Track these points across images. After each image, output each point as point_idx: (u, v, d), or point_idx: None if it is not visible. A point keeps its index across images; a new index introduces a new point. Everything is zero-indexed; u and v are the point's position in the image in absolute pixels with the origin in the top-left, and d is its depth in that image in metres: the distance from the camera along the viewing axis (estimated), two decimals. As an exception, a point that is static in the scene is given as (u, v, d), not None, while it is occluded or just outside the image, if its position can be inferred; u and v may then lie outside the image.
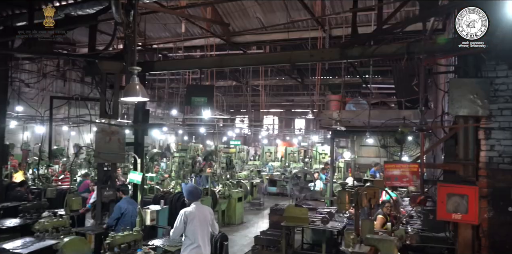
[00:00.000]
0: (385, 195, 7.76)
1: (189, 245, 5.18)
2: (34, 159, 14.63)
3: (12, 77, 10.39)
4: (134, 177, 6.58)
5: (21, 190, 9.79)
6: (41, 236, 5.80)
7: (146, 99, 4.50)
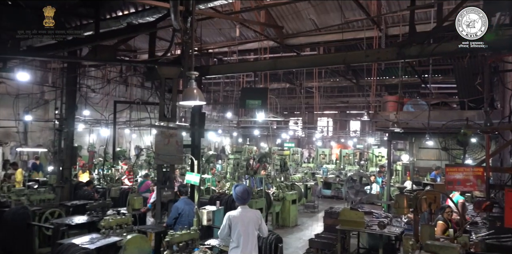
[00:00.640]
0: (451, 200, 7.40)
1: (234, 248, 5.21)
2: (99, 160, 15.52)
3: (80, 83, 11.09)
4: (191, 178, 6.78)
5: (88, 189, 10.44)
6: (106, 232, 6.13)
7: (203, 103, 4.63)
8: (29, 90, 15.96)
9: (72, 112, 10.17)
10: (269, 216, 11.34)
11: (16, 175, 12.01)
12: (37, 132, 17.68)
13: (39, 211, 8.12)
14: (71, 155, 10.09)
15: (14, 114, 14.33)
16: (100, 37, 8.09)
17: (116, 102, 9.17)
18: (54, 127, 10.24)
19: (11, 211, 7.58)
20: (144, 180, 11.95)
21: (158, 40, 10.46)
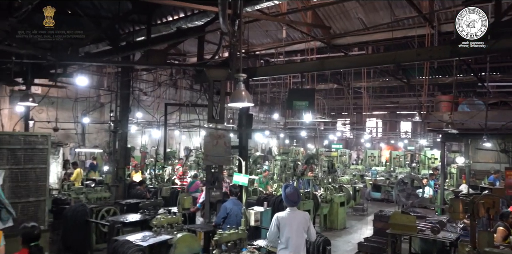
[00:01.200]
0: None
1: (282, 250, 5.19)
2: (151, 160, 16.08)
3: (133, 87, 11.56)
4: (239, 179, 6.86)
5: (141, 189, 10.84)
6: (158, 231, 6.34)
7: (251, 105, 4.69)
8: (87, 94, 16.84)
9: (126, 114, 10.62)
10: (317, 218, 11.23)
11: (74, 174, 12.70)
12: (94, 133, 18.61)
13: (96, 209, 8.54)
14: (125, 155, 10.53)
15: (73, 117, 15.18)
16: (151, 42, 8.40)
17: (166, 105, 9.46)
18: (109, 128, 10.73)
19: (71, 208, 8.03)
20: (193, 180, 12.23)
21: (206, 43, 10.68)
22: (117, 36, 9.51)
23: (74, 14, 8.72)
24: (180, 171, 14.18)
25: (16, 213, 6.05)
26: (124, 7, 8.46)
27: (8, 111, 14.77)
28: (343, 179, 15.74)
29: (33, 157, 6.33)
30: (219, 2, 4.70)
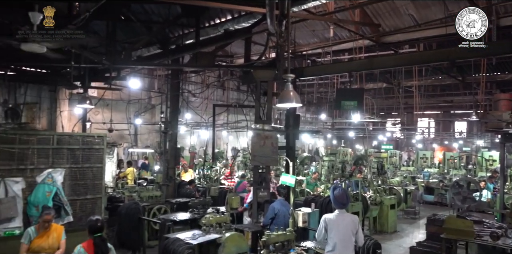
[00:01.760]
0: None
1: (329, 252, 5.09)
2: (200, 160, 16.40)
3: (182, 88, 11.87)
4: (286, 180, 6.84)
5: (190, 188, 11.09)
6: (207, 229, 6.45)
7: (299, 105, 4.67)
8: (139, 96, 17.51)
9: (176, 115, 10.91)
10: (366, 221, 10.96)
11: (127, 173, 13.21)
12: (146, 134, 19.30)
13: (148, 207, 8.84)
14: (175, 155, 10.82)
15: (126, 118, 15.84)
16: (200, 44, 8.59)
17: (215, 106, 9.64)
18: (160, 129, 11.08)
19: (125, 206, 8.36)
20: (241, 180, 12.34)
21: (253, 44, 10.76)
22: (167, 39, 9.81)
23: (127, 20, 9.11)
24: (227, 171, 14.38)
25: (75, 209, 6.40)
26: (173, 12, 8.71)
27: (67, 113, 15.65)
28: (393, 180, 15.26)
29: (90, 156, 6.65)
30: (267, 3, 4.72)
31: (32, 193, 5.93)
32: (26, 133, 6.36)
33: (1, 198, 5.62)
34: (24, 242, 5.02)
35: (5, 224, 5.67)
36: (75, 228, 6.03)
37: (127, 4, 8.32)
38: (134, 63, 10.41)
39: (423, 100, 22.13)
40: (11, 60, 9.74)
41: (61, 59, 7.46)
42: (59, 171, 6.22)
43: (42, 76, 12.97)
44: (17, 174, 5.89)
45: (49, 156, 6.20)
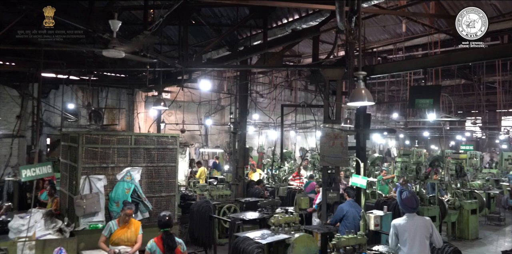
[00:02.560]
0: None
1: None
2: (268, 160, 16.53)
3: (250, 89, 12.03)
4: (357, 181, 6.64)
5: (259, 188, 11.20)
6: (276, 229, 6.46)
7: (371, 103, 4.52)
8: (209, 97, 18.06)
9: (244, 116, 11.09)
10: (443, 226, 10.31)
11: (199, 172, 13.67)
12: (216, 134, 19.85)
13: (218, 205, 9.06)
14: (244, 155, 10.99)
15: (197, 119, 16.41)
16: (268, 45, 8.63)
17: (283, 106, 9.63)
18: (229, 129, 11.31)
19: (196, 204, 8.64)
20: (309, 181, 12.23)
21: (321, 43, 10.60)
22: (236, 41, 9.99)
23: (198, 24, 9.43)
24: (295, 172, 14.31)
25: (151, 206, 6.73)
26: (242, 14, 8.85)
27: (143, 115, 16.58)
28: (474, 183, 14.20)
29: (164, 156, 6.96)
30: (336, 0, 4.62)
31: (113, 189, 6.34)
32: (107, 134, 6.81)
33: (86, 194, 6.07)
34: (104, 234, 5.39)
35: (89, 218, 6.12)
36: (151, 224, 6.34)
37: (197, 9, 8.60)
38: (205, 66, 10.73)
39: (507, 97, 20.37)
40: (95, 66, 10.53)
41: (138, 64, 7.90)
42: (137, 169, 6.59)
43: (121, 81, 13.89)
44: (100, 171, 6.33)
45: (127, 155, 6.59)
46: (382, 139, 28.77)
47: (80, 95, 15.63)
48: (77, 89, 15.52)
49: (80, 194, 6.01)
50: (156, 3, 7.74)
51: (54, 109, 14.50)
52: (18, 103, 14.09)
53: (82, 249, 5.75)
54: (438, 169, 13.67)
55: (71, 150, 6.67)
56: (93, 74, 11.84)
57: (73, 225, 6.03)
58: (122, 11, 6.64)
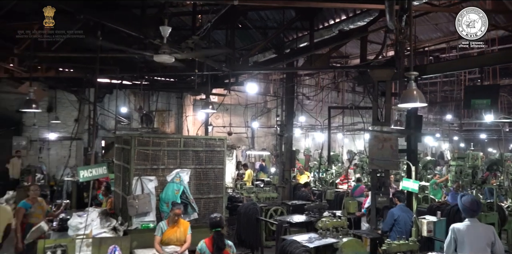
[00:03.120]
0: None
1: None
2: (314, 163, 16.36)
3: (297, 92, 11.99)
4: (408, 185, 6.42)
5: (305, 191, 11.11)
6: (323, 233, 6.36)
7: (424, 104, 4.36)
8: (255, 100, 18.18)
9: (291, 118, 11.06)
10: (503, 234, 9.70)
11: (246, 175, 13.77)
12: (262, 136, 19.93)
13: (265, 208, 9.08)
14: (290, 158, 10.95)
15: (244, 122, 16.57)
16: (314, 47, 8.57)
17: (330, 108, 9.52)
18: (276, 132, 11.33)
19: (243, 206, 8.71)
20: (358, 184, 11.96)
21: (368, 43, 10.37)
22: (282, 44, 10.00)
23: (244, 27, 9.53)
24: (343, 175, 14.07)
25: (199, 207, 6.85)
26: (288, 16, 8.85)
27: (192, 118, 16.97)
28: (538, 189, 13.28)
29: (212, 158, 7.07)
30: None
31: (163, 190, 6.52)
32: (158, 136, 7.03)
33: (138, 194, 6.29)
34: (157, 235, 5.55)
35: (141, 217, 6.33)
36: (199, 225, 6.46)
37: (244, 13, 8.70)
38: (251, 69, 10.82)
39: None
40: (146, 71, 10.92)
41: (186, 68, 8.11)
42: (186, 171, 6.74)
43: (171, 85, 14.31)
44: (151, 173, 6.53)
45: (177, 157, 6.75)
46: (435, 142, 27.57)
47: (132, 99, 16.29)
48: (130, 94, 16.19)
49: (132, 194, 6.23)
50: (204, 9, 7.92)
51: (108, 113, 15.19)
52: (76, 108, 14.92)
53: (135, 248, 5.95)
54: (497, 173, 12.92)
55: (124, 152, 6.94)
56: (145, 79, 12.28)
57: (126, 224, 6.26)
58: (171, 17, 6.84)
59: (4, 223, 5.94)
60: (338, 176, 14.42)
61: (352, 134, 19.45)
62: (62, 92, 14.49)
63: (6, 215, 6.01)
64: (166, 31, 5.30)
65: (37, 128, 13.28)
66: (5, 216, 5.98)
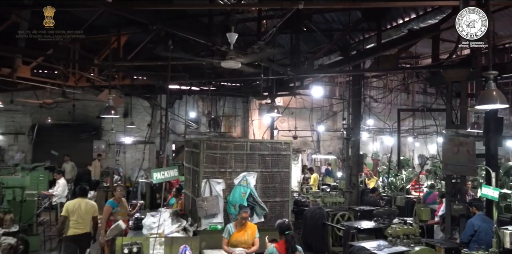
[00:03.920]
0: None
1: None
2: (383, 168, 15.79)
3: (364, 94, 11.68)
4: (487, 192, 5.98)
5: (374, 196, 10.76)
6: (393, 241, 6.13)
7: (505, 106, 4.06)
8: (320, 103, 17.99)
9: (358, 122, 10.80)
10: None
11: (312, 179, 13.66)
12: (328, 140, 19.66)
13: (331, 213, 8.92)
14: (358, 162, 10.69)
15: (309, 125, 16.47)
16: (382, 47, 8.31)
17: (399, 111, 9.17)
18: (342, 136, 11.12)
19: (309, 210, 8.66)
20: (431, 190, 11.37)
21: (441, 42, 9.84)
22: (348, 46, 9.82)
23: (309, 30, 9.50)
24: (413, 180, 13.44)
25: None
26: (354, 17, 8.68)
27: (257, 122, 17.20)
28: None
29: (278, 161, 7.11)
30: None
31: (231, 193, 6.67)
32: (225, 140, 7.22)
33: (207, 196, 6.50)
34: (225, 237, 5.69)
35: (210, 219, 6.53)
36: (266, 228, 6.51)
37: (309, 16, 8.67)
38: (316, 72, 10.74)
39: None
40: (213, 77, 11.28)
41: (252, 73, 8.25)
42: (252, 174, 6.84)
43: (237, 90, 14.63)
44: (219, 176, 6.72)
45: (243, 161, 6.88)
46: (518, 146, 25.38)
47: (200, 104, 16.88)
48: (198, 99, 16.80)
49: (201, 196, 6.45)
50: (269, 14, 8.02)
51: (179, 118, 15.87)
52: (149, 113, 15.78)
53: (204, 248, 6.15)
54: None
55: (194, 155, 7.21)
56: (212, 84, 12.67)
57: (195, 225, 6.50)
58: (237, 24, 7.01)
59: (90, 214, 6.54)
60: (409, 181, 13.79)
61: (423, 137, 18.52)
62: (137, 98, 15.41)
63: (92, 208, 6.61)
64: (233, 38, 5.44)
65: (114, 133, 14.22)
66: (91, 208, 6.58)
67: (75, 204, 6.50)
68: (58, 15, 5.19)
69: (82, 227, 6.41)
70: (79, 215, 6.37)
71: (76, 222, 6.37)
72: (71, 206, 6.46)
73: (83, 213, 6.43)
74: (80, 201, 6.58)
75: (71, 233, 6.37)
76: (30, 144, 14.53)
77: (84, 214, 6.43)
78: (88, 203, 6.67)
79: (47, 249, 8.13)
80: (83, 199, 6.70)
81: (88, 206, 6.57)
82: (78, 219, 6.37)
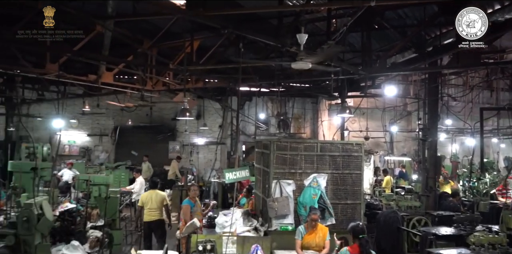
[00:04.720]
0: None
1: None
2: (463, 171, 14.79)
3: (441, 92, 11.04)
4: None
5: (453, 201, 10.10)
6: (476, 249, 5.72)
7: None
8: (393, 103, 17.29)
9: (435, 122, 10.22)
10: None
11: (384, 181, 13.17)
12: (401, 141, 18.84)
13: (406, 217, 8.54)
14: (435, 164, 10.12)
15: (382, 126, 15.91)
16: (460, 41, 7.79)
17: (482, 109, 8.54)
18: (417, 136, 10.61)
19: (383, 214, 8.35)
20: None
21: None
22: (423, 42, 9.33)
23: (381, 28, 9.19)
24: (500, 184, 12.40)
25: (337, 213, 6.79)
26: (429, 12, 8.24)
27: (327, 123, 16.97)
28: None
29: (349, 163, 6.95)
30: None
31: (301, 194, 6.65)
32: (295, 141, 7.23)
33: (277, 197, 6.54)
34: (298, 239, 5.69)
35: (280, 220, 6.57)
36: (337, 230, 6.40)
37: (381, 13, 8.39)
38: (389, 71, 10.35)
39: None
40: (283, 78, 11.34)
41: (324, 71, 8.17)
42: (323, 175, 6.76)
43: (306, 90, 14.56)
44: (289, 177, 6.73)
45: (314, 162, 6.83)
46: None
47: (269, 105, 17.04)
48: (267, 100, 16.97)
49: (272, 197, 6.50)
50: (338, 13, 7.88)
51: (248, 119, 16.15)
52: (220, 115, 16.25)
53: (275, 248, 6.19)
54: None
55: (264, 156, 7.29)
56: (281, 85, 12.73)
57: (266, 225, 6.56)
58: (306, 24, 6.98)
59: (160, 203, 7.67)
60: (494, 185, 12.77)
61: (510, 138, 17.07)
62: (208, 101, 15.95)
63: (162, 197, 7.73)
64: (302, 39, 5.43)
65: (188, 134, 14.82)
66: (161, 198, 7.70)
67: (147, 196, 7.72)
68: (139, 23, 5.53)
69: (155, 214, 7.59)
70: (152, 204, 7.56)
71: (150, 210, 7.56)
72: (145, 197, 7.70)
73: (155, 202, 7.59)
74: (152, 192, 7.76)
75: (146, 220, 7.61)
76: (112, 145, 15.65)
77: (156, 202, 7.59)
78: (158, 194, 7.75)
79: (128, 243, 8.71)
80: (154, 190, 7.83)
81: (159, 196, 7.68)
82: (152, 207, 7.55)
